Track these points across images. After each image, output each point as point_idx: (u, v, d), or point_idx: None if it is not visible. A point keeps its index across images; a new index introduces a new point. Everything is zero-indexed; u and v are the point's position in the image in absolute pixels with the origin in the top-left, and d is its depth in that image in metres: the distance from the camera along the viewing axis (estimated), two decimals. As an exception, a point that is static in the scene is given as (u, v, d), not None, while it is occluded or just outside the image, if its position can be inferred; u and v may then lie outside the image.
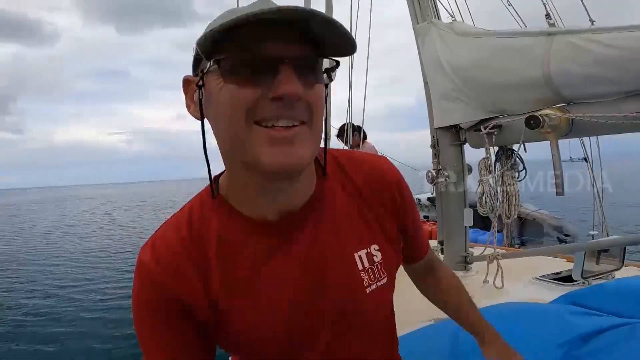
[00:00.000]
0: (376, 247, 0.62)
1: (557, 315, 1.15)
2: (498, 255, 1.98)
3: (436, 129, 2.30)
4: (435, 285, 0.81)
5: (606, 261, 1.88)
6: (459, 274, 2.22)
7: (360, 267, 0.60)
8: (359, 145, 3.66)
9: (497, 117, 1.88)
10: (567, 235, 5.05)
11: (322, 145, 0.55)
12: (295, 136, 0.46)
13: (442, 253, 2.35)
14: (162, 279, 0.53)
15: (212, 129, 0.52)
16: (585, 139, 2.41)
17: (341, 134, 3.56)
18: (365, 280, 0.60)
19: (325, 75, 0.51)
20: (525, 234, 5.33)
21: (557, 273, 2.04)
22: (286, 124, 0.46)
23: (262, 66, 0.44)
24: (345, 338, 0.61)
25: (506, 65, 1.67)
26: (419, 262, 0.78)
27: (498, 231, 2.06)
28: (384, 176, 0.64)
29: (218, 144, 0.52)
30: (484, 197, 2.01)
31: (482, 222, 4.02)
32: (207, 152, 0.53)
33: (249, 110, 0.45)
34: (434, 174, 2.25)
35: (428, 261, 0.79)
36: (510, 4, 2.35)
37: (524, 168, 1.94)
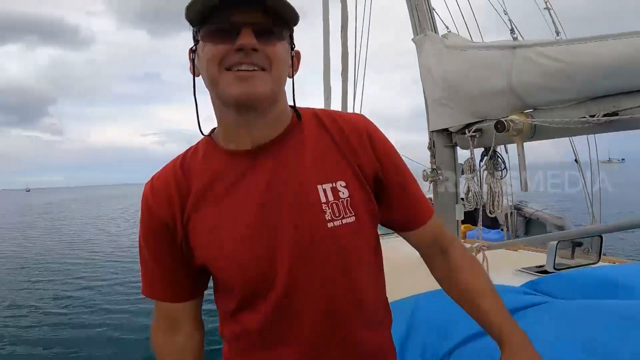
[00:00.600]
0: (343, 183, 0.66)
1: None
2: (483, 246, 2.17)
3: (431, 131, 2.52)
4: (450, 278, 0.76)
5: (582, 255, 2.01)
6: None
7: (324, 200, 0.64)
8: None
9: (479, 121, 2.08)
10: None
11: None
12: (253, 76, 0.60)
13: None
14: (153, 203, 0.68)
15: (203, 79, 0.66)
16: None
17: None
18: (328, 213, 0.64)
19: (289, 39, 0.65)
20: (530, 232, 5.32)
21: (540, 266, 2.18)
22: (247, 68, 0.60)
23: (229, 29, 0.59)
24: (304, 271, 0.64)
25: (481, 76, 1.88)
26: (422, 234, 0.76)
27: (502, 229, 2.25)
28: (354, 124, 0.71)
29: (206, 87, 0.66)
30: (470, 194, 2.21)
31: (490, 221, 4.15)
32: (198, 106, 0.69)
33: (221, 60, 0.60)
34: (428, 173, 2.47)
35: (437, 240, 0.77)
36: (506, 14, 2.51)
37: (505, 168, 2.12)
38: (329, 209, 0.64)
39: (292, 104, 0.71)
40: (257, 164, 0.66)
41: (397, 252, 2.99)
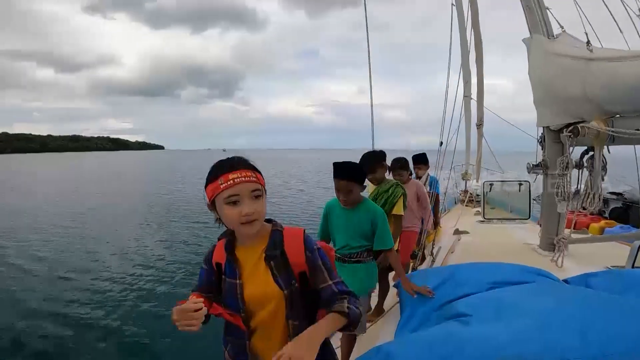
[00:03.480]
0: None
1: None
2: (563, 238, 2.36)
3: (544, 127, 2.69)
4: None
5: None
6: (547, 253, 2.62)
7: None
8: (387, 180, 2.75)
9: (574, 123, 2.23)
10: None
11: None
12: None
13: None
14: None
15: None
16: None
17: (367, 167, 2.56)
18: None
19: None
20: None
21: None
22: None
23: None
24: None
25: (572, 81, 2.05)
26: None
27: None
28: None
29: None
30: (560, 190, 2.39)
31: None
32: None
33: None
34: (531, 166, 2.68)
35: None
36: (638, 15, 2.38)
37: (604, 167, 2.21)
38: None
39: None
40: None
41: (510, 238, 3.27)
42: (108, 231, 10.72)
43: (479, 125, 5.43)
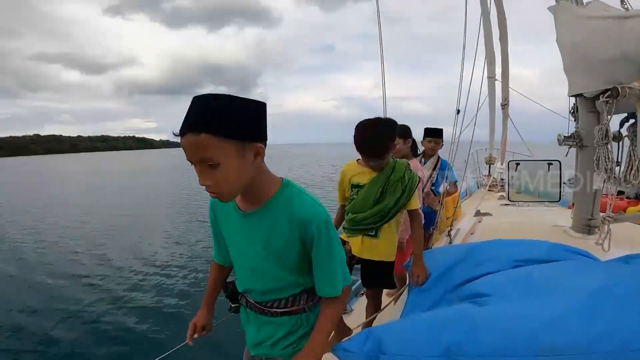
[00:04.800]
0: None
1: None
2: (609, 218, 2.11)
3: (575, 96, 2.44)
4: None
5: None
6: (580, 236, 2.38)
7: None
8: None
9: (612, 88, 1.97)
10: None
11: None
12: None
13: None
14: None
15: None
16: None
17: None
18: None
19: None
20: None
21: None
22: None
23: None
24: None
25: (607, 43, 1.81)
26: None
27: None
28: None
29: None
30: (601, 162, 2.14)
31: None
32: None
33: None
34: (563, 138, 2.44)
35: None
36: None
37: (646, 135, 1.96)
38: None
39: None
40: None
41: (538, 220, 3.01)
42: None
43: (504, 105, 5.11)
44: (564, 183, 4.08)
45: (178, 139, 0.82)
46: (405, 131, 2.65)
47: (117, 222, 12.14)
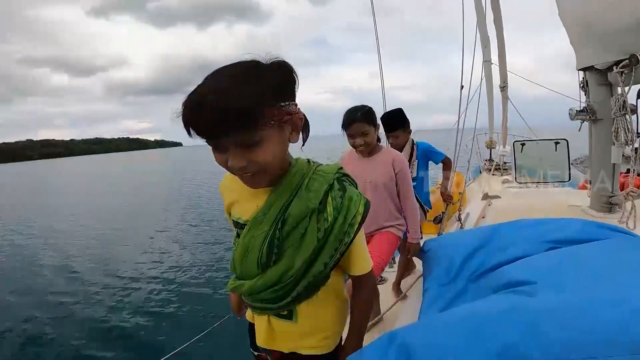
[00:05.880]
0: None
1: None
2: (632, 193, 2.02)
3: (580, 69, 2.35)
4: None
5: None
6: (601, 215, 2.29)
7: None
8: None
9: (627, 58, 1.89)
10: None
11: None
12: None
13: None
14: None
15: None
16: None
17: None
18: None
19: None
20: None
21: None
22: None
23: None
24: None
25: (621, 10, 1.73)
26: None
27: None
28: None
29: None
30: (619, 133, 2.05)
31: None
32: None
33: None
34: (575, 112, 2.34)
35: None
36: None
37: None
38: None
39: None
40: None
41: (551, 200, 2.92)
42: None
43: (503, 87, 5.03)
44: (571, 163, 3.99)
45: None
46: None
47: (122, 224, 12.15)
